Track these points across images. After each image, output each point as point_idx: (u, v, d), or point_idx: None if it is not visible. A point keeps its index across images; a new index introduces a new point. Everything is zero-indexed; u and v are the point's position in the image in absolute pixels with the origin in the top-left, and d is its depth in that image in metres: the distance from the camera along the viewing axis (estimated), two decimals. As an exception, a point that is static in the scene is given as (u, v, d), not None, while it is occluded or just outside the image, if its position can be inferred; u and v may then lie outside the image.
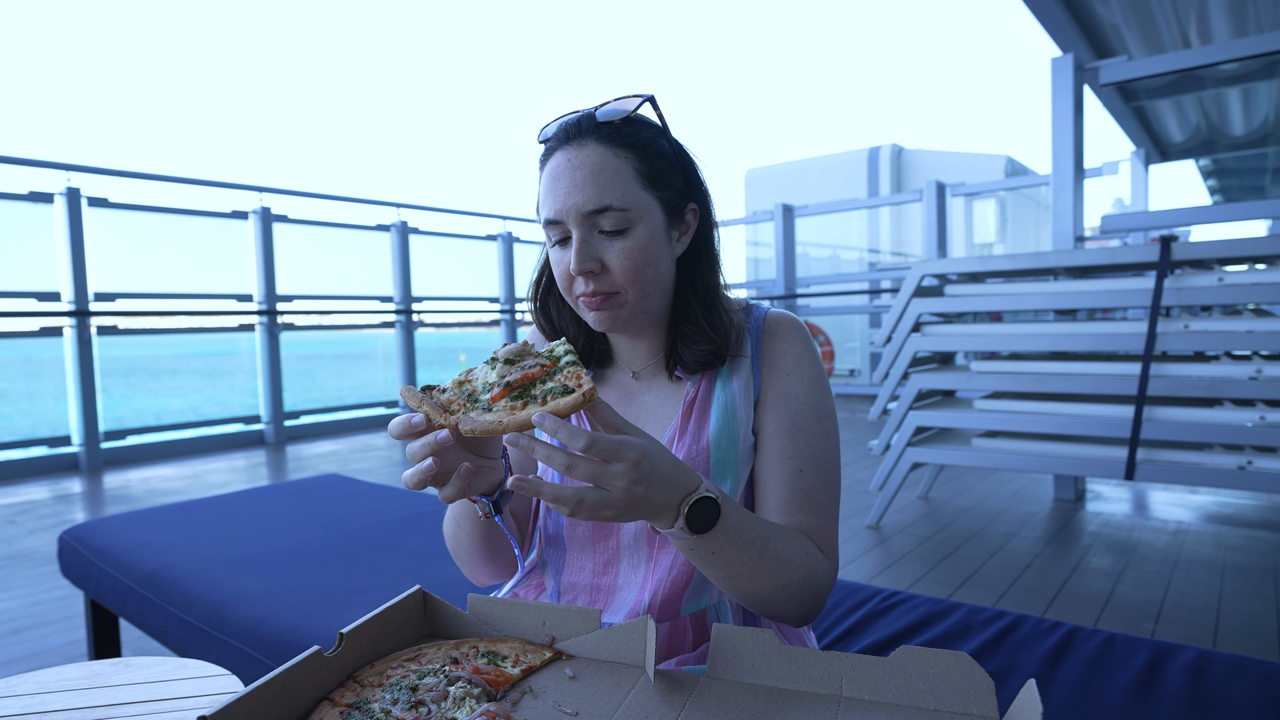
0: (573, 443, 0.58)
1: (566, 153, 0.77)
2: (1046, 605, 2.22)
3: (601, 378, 0.92)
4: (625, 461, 0.60)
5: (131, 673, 0.86)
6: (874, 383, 3.76)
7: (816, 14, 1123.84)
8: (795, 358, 0.84)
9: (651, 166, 0.78)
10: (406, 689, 0.63)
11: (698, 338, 0.82)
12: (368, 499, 1.99)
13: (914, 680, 0.59)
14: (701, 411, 0.83)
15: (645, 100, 0.80)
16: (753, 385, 0.83)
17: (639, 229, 0.77)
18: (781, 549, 0.73)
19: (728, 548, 0.69)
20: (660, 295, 0.81)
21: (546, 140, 0.81)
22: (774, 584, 0.73)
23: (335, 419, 6.23)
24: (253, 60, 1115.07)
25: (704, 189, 0.85)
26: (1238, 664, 0.97)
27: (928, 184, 6.52)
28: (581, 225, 0.76)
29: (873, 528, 3.04)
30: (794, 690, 0.62)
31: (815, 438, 0.81)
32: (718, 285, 0.85)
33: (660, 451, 0.64)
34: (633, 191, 0.77)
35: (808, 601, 0.76)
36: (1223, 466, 2.47)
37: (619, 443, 0.60)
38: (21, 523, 3.35)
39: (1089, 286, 2.69)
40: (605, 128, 0.77)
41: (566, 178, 0.76)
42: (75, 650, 2.00)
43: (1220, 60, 3.03)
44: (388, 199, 6.93)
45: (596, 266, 0.77)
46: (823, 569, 0.77)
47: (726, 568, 0.71)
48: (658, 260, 0.79)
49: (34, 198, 4.57)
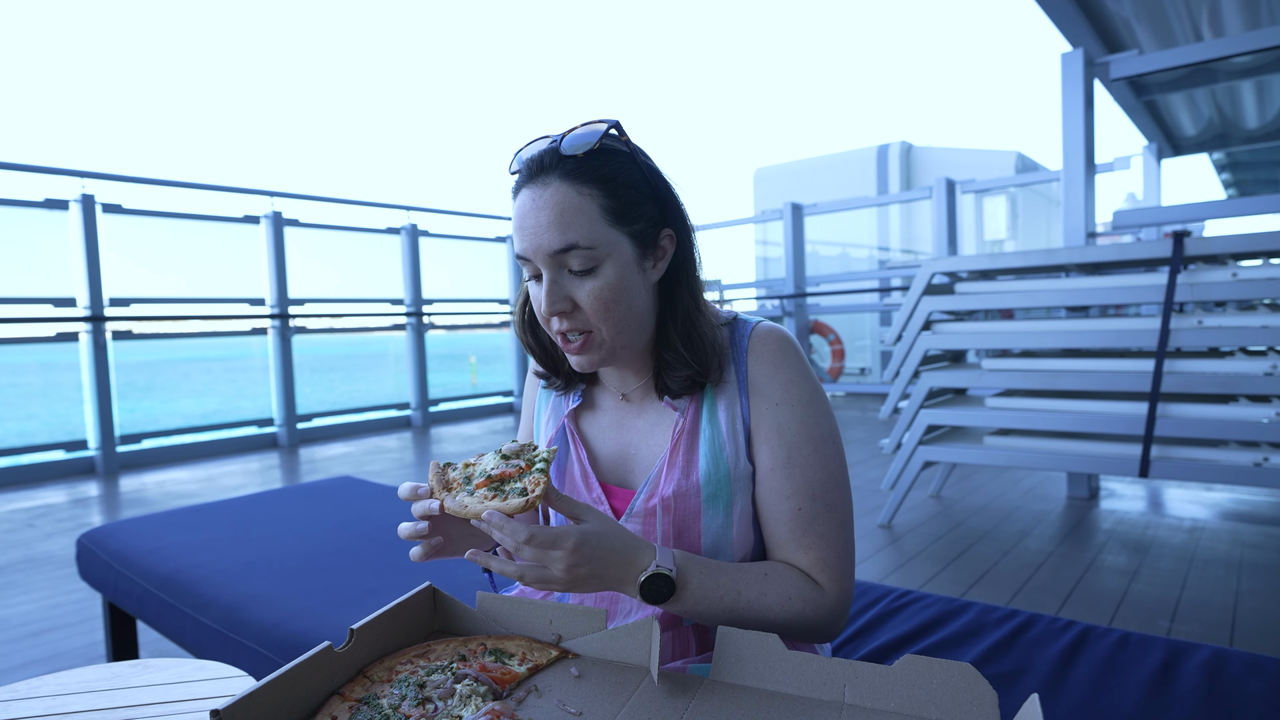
0: (515, 537, 0.68)
1: (531, 191, 0.76)
2: (1060, 604, 2.20)
3: (593, 402, 0.92)
4: (562, 550, 0.68)
5: (151, 674, 0.87)
6: (885, 381, 3.75)
7: (824, 11, 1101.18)
8: (784, 384, 0.81)
9: (618, 200, 0.77)
10: (414, 685, 0.64)
11: (677, 365, 0.82)
12: (381, 501, 2.00)
13: (917, 689, 0.59)
14: (690, 444, 0.82)
15: (611, 126, 0.78)
16: (740, 413, 0.82)
17: (607, 267, 0.76)
18: (756, 600, 0.76)
19: (695, 607, 0.74)
20: (637, 329, 0.81)
21: (516, 172, 0.81)
22: (761, 623, 0.76)
23: (348, 421, 6.26)
24: (265, 67, 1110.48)
25: (680, 212, 0.83)
26: (1254, 663, 0.96)
27: (937, 181, 6.49)
28: (550, 265, 0.76)
29: (884, 527, 3.03)
30: (797, 695, 0.63)
31: (813, 468, 0.80)
32: (696, 309, 0.83)
33: (607, 536, 0.71)
34: (599, 229, 0.75)
35: (804, 636, 0.79)
36: (1238, 463, 2.45)
37: (556, 534, 0.68)
38: (40, 526, 3.39)
39: (1101, 283, 2.67)
40: (570, 162, 0.75)
41: (532, 218, 0.76)
42: (94, 652, 2.02)
43: (1233, 53, 3.00)
44: (398, 202, 6.96)
45: (568, 306, 0.77)
46: (816, 605, 0.78)
47: (703, 619, 0.76)
48: (629, 296, 0.78)
49: (50, 205, 4.62)
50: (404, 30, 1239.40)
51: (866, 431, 5.48)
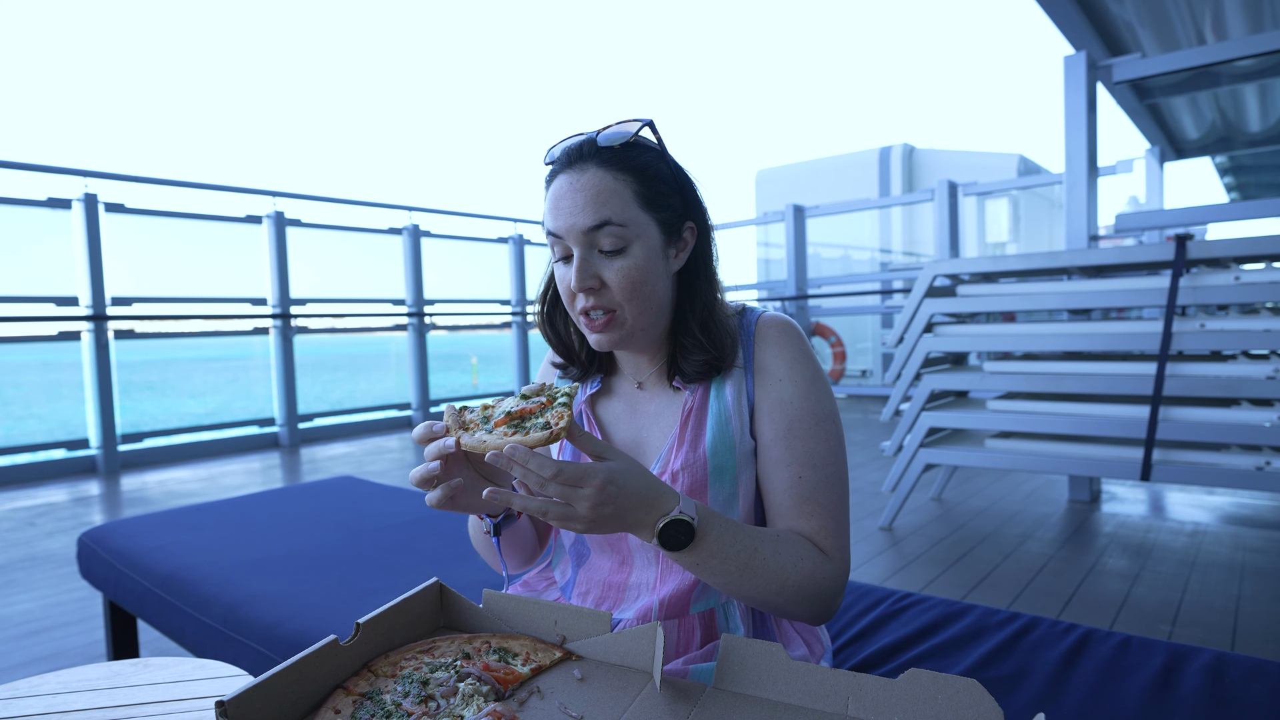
0: (541, 473, 0.65)
1: (569, 175, 0.81)
2: (1061, 607, 2.20)
3: (609, 388, 0.95)
4: (590, 487, 0.66)
5: (151, 673, 0.87)
6: (886, 383, 3.74)
7: (827, 13, 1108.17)
8: (788, 362, 0.85)
9: (649, 188, 0.82)
10: (418, 682, 0.64)
11: (695, 350, 0.85)
12: (382, 501, 2.00)
13: (921, 704, 0.58)
14: (698, 420, 0.86)
15: (645, 124, 0.83)
16: (745, 391, 0.86)
17: (636, 248, 0.81)
18: (771, 557, 0.76)
19: (710, 560, 0.74)
20: (657, 313, 0.85)
21: (552, 163, 0.85)
22: (768, 589, 0.76)
23: (349, 421, 6.26)
24: (268, 67, 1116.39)
25: (702, 208, 0.88)
26: (1256, 667, 0.96)
27: (940, 183, 6.49)
28: (582, 243, 0.80)
29: (885, 529, 3.03)
30: (799, 706, 0.62)
31: (814, 441, 0.83)
32: (714, 300, 0.88)
33: (633, 475, 0.69)
34: (631, 211, 0.80)
35: (811, 603, 0.78)
36: (1240, 467, 2.44)
37: (584, 470, 0.66)
38: (41, 525, 3.39)
39: (1103, 286, 2.67)
40: (606, 152, 0.81)
41: (569, 199, 0.80)
42: (94, 651, 2.02)
43: (1236, 57, 3.00)
44: (400, 203, 6.97)
45: (596, 283, 0.80)
46: (824, 571, 0.79)
47: (714, 576, 0.75)
48: (654, 278, 0.82)
49: (52, 204, 4.63)
50: (407, 31, 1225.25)
51: (868, 434, 5.48)
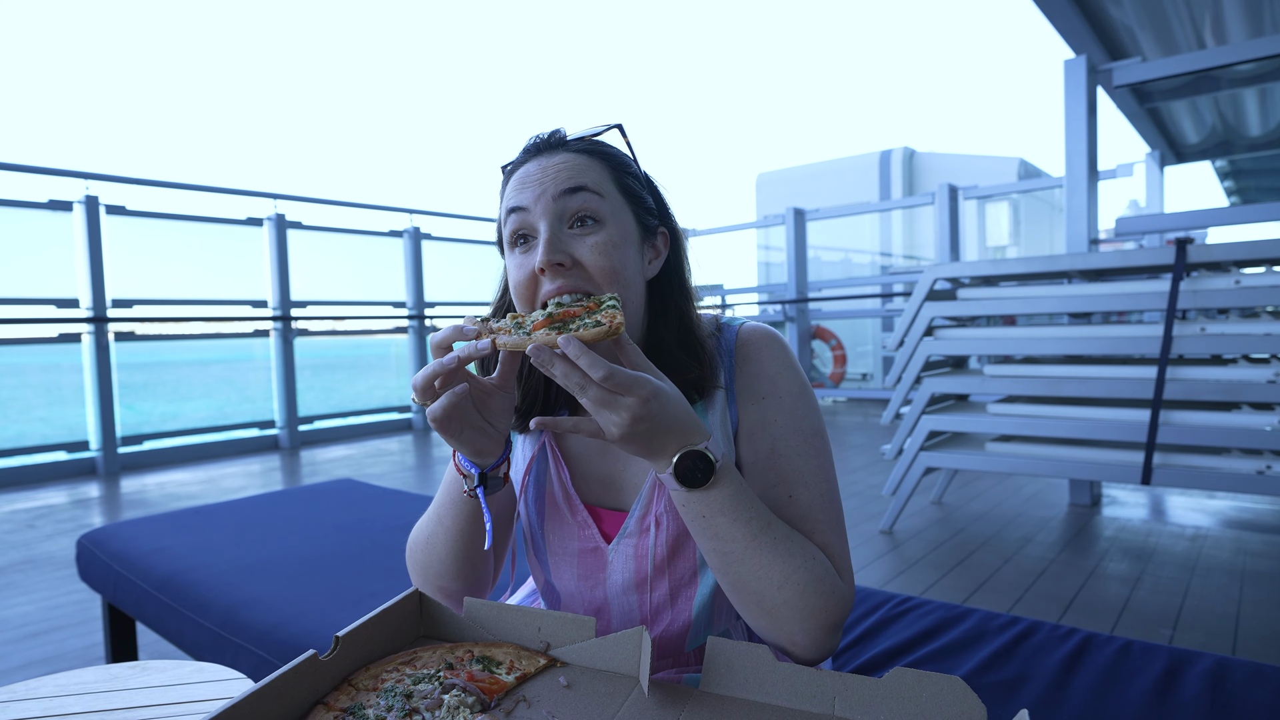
0: (593, 371, 0.60)
1: (539, 160, 0.74)
2: (1062, 611, 2.20)
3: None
4: (636, 397, 0.61)
5: (149, 676, 0.87)
6: (886, 387, 3.74)
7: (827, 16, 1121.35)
8: (770, 379, 0.78)
9: (624, 180, 0.76)
10: (401, 695, 0.63)
11: (673, 368, 0.76)
12: (381, 504, 2.00)
13: (906, 703, 0.59)
14: None
15: (614, 127, 0.77)
16: (729, 417, 0.78)
17: (611, 225, 0.73)
18: (783, 540, 0.69)
19: (719, 516, 0.67)
20: (633, 312, 0.75)
21: (512, 162, 0.78)
22: (770, 579, 0.68)
23: (349, 424, 6.26)
24: (269, 70, 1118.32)
25: (673, 220, 0.82)
26: (1257, 671, 0.96)
27: (940, 187, 6.50)
28: (550, 213, 0.71)
29: (886, 533, 3.02)
30: (786, 707, 0.62)
31: (803, 459, 0.76)
32: (691, 313, 0.81)
33: (675, 401, 0.65)
34: (608, 185, 0.74)
35: (813, 615, 0.68)
36: (1241, 471, 2.44)
37: (634, 379, 0.61)
38: (40, 527, 3.39)
39: (1104, 289, 2.67)
40: (576, 143, 0.76)
41: (538, 174, 0.73)
42: (93, 653, 2.02)
43: (1236, 61, 3.01)
44: (400, 205, 6.98)
45: (566, 260, 0.70)
46: (834, 584, 0.70)
47: (717, 540, 0.68)
48: (632, 268, 0.74)
49: (53, 206, 4.63)
50: (408, 34, 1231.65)
51: (868, 437, 5.47)
